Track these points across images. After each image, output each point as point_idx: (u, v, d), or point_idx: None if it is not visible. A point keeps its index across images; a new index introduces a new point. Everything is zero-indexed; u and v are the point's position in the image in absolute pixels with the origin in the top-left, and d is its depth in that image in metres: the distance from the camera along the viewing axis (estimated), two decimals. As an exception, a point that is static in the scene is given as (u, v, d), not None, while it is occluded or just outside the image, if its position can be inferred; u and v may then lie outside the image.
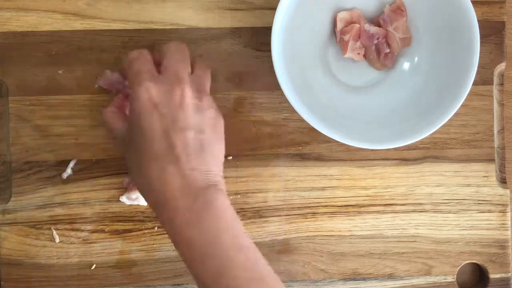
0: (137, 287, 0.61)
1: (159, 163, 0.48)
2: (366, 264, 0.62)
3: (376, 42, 0.60)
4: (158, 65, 0.53)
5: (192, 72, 0.53)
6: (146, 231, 0.61)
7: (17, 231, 0.60)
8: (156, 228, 0.61)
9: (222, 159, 0.52)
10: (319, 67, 0.61)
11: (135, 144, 0.50)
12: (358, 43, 0.60)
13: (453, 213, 0.62)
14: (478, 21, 0.55)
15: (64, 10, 0.61)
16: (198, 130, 0.49)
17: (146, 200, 0.51)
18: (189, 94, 0.50)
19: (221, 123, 0.53)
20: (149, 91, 0.49)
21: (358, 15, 0.59)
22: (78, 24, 0.61)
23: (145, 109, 0.49)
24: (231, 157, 0.61)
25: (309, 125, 0.55)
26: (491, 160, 0.62)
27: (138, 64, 0.52)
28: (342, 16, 0.59)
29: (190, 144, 0.48)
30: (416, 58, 0.60)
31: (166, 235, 0.60)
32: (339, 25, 0.59)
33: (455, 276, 0.62)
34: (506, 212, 0.62)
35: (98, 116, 0.61)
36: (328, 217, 0.62)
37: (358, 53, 0.60)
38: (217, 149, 0.51)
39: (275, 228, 0.62)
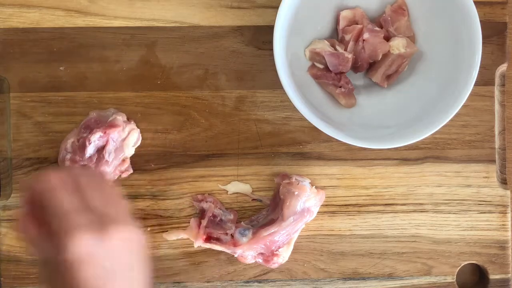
0: (136, 285, 0.61)
1: None
2: (366, 264, 0.62)
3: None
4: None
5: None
6: (146, 229, 0.61)
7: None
8: (156, 227, 0.61)
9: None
10: (321, 66, 0.61)
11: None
12: (360, 44, 0.60)
13: (454, 213, 0.62)
14: (480, 21, 0.55)
15: (66, 7, 0.61)
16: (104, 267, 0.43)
17: None
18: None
19: (137, 248, 0.46)
20: (83, 242, 0.43)
21: (361, 14, 0.59)
22: (80, 21, 0.61)
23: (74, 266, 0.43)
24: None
25: (310, 124, 0.55)
26: (492, 161, 0.62)
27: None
28: (345, 14, 0.59)
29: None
30: (417, 59, 0.60)
31: (167, 233, 0.61)
32: (342, 24, 0.59)
33: (455, 276, 0.62)
34: (506, 213, 0.62)
35: (99, 113, 0.61)
36: (329, 216, 0.62)
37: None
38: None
39: (275, 227, 0.62)
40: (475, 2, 0.55)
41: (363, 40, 0.59)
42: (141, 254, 0.46)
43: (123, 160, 0.59)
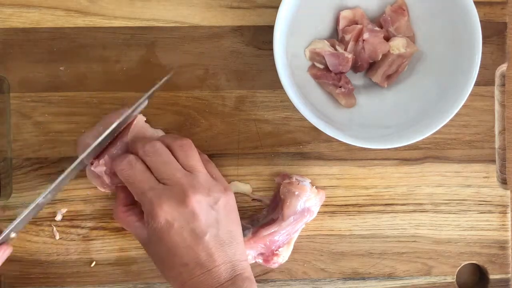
0: (136, 284, 0.61)
1: (187, 270, 0.51)
2: (366, 264, 0.62)
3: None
4: None
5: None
6: (146, 229, 0.61)
7: (17, 227, 0.60)
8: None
9: (241, 238, 0.54)
10: (321, 66, 0.61)
11: (160, 255, 0.52)
12: (360, 44, 0.60)
13: (454, 213, 0.62)
14: (480, 21, 0.55)
15: (66, 7, 0.61)
16: (214, 227, 0.52)
17: None
18: (198, 199, 0.51)
19: (232, 200, 0.54)
20: (165, 212, 0.51)
21: (361, 14, 0.59)
22: (80, 21, 0.61)
23: (163, 230, 0.51)
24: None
25: (310, 124, 0.55)
26: (492, 161, 0.62)
27: (138, 179, 0.53)
28: (345, 14, 0.59)
29: (211, 245, 0.51)
30: (417, 58, 0.60)
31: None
32: (342, 24, 0.59)
33: (455, 276, 0.62)
34: (506, 213, 0.62)
35: (99, 114, 0.61)
36: (328, 216, 0.62)
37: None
38: (235, 232, 0.53)
39: (275, 227, 0.62)
40: (475, 2, 0.55)
41: (363, 40, 0.59)
42: (222, 207, 0.53)
43: None
